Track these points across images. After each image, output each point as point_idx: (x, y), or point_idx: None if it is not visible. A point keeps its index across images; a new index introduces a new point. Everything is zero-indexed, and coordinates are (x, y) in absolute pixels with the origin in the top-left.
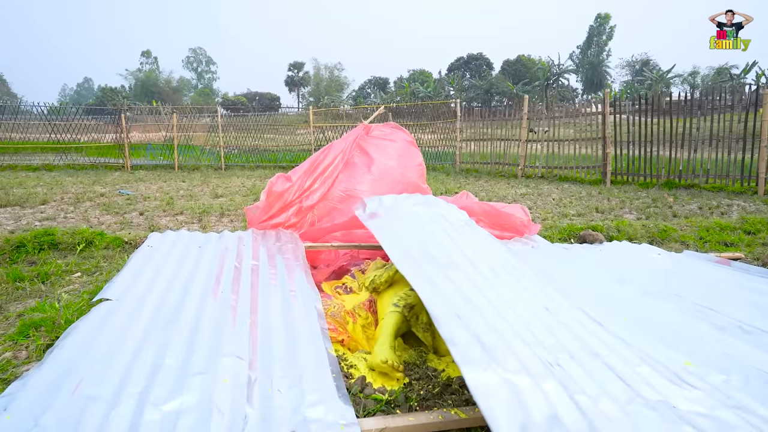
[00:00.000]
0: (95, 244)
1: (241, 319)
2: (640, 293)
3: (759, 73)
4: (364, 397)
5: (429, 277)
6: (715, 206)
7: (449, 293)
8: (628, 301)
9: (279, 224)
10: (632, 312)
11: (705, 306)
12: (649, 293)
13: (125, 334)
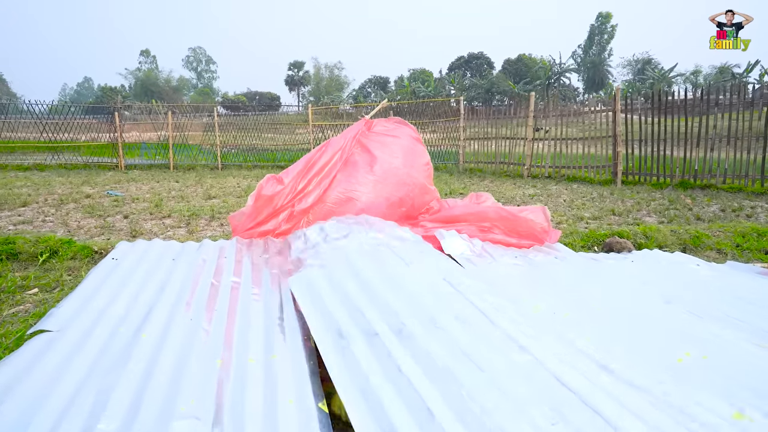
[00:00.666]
0: (60, 255)
1: (210, 358)
2: (695, 317)
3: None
4: None
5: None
6: (738, 208)
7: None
8: (682, 329)
9: (268, 232)
10: (693, 343)
11: None
12: (704, 316)
13: (57, 382)
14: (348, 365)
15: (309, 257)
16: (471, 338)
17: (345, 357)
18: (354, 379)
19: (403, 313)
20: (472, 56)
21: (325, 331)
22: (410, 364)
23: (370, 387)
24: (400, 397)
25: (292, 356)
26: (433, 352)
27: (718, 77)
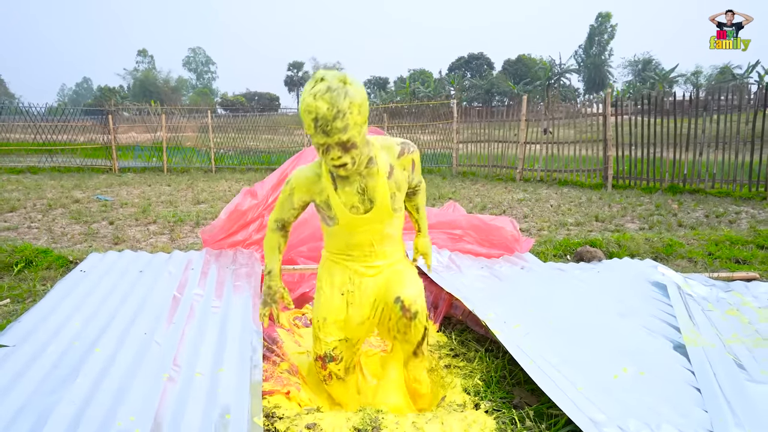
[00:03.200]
0: (35, 265)
1: (158, 372)
2: (645, 331)
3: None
4: None
5: None
6: (722, 213)
7: None
8: (633, 343)
9: (238, 242)
10: (640, 361)
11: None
12: (656, 331)
13: (5, 396)
14: None
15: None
16: None
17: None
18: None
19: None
20: (472, 57)
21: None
22: None
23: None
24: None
25: (239, 369)
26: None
27: (719, 78)
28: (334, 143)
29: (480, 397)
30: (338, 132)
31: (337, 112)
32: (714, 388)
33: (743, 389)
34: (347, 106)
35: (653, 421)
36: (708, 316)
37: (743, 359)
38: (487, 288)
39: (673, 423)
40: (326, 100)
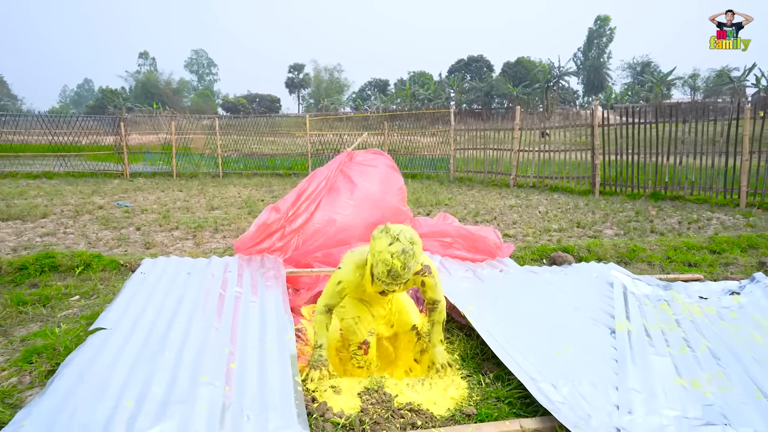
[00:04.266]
0: (93, 267)
1: (220, 349)
2: (591, 321)
3: (759, 76)
4: (324, 420)
5: None
6: (695, 220)
7: None
8: (577, 331)
9: (264, 249)
10: (579, 342)
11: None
12: (599, 320)
13: (117, 363)
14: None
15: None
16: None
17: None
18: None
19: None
20: (471, 59)
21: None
22: None
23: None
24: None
25: (278, 346)
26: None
27: (717, 80)
28: (396, 284)
29: (458, 368)
30: (403, 280)
31: (407, 269)
32: (626, 358)
33: (647, 359)
34: (413, 263)
35: (576, 379)
36: (641, 309)
37: (655, 339)
38: (469, 287)
39: (590, 380)
40: (401, 260)
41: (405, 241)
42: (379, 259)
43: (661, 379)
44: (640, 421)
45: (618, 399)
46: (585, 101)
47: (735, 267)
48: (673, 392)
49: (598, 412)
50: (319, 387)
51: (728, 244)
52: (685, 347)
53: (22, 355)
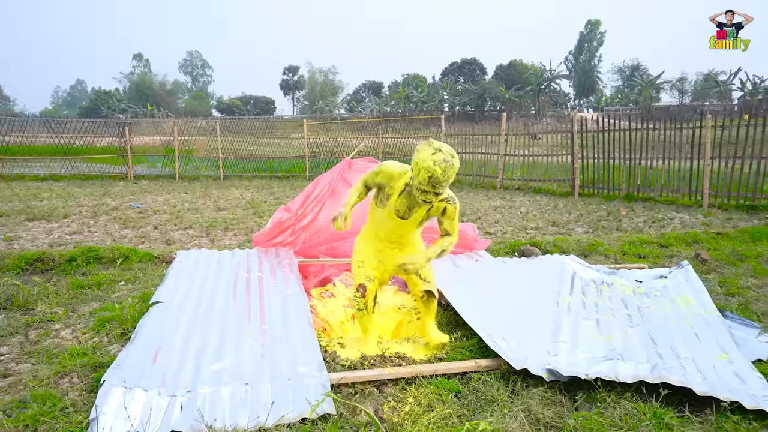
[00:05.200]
0: (131, 259)
1: (254, 315)
2: (544, 297)
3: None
4: (335, 363)
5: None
6: (659, 219)
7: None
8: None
9: (278, 243)
10: (531, 311)
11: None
12: (550, 298)
13: (178, 324)
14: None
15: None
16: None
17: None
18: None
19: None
20: (465, 62)
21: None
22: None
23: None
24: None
25: (297, 314)
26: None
27: (704, 84)
28: (434, 192)
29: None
30: (441, 189)
31: (447, 178)
32: (562, 321)
33: (577, 322)
34: (452, 173)
35: (522, 335)
36: (584, 288)
37: (588, 309)
38: (448, 272)
39: (532, 336)
40: (442, 167)
41: (446, 152)
42: (422, 167)
43: (584, 335)
44: (562, 360)
45: (549, 348)
46: (576, 104)
47: (677, 258)
48: (590, 343)
49: (534, 355)
50: (329, 343)
51: (676, 239)
52: (610, 314)
53: (96, 324)
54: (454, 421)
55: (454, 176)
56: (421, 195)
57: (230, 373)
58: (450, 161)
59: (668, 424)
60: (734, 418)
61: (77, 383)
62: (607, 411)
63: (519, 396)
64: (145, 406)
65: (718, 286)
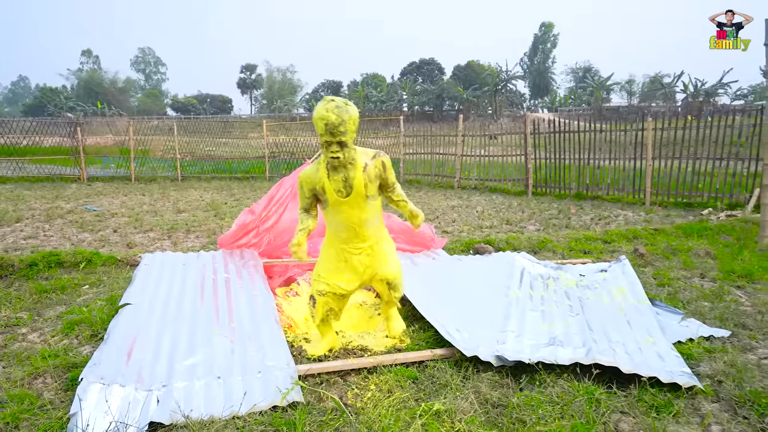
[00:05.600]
0: (94, 262)
1: (223, 314)
2: (493, 291)
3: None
4: (301, 357)
5: None
6: (605, 217)
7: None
8: (482, 298)
9: (242, 245)
10: (482, 303)
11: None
12: (500, 291)
13: (149, 324)
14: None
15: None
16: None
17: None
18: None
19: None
20: (423, 62)
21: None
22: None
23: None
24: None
25: (265, 312)
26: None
27: (650, 86)
28: (335, 141)
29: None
30: (339, 134)
31: (341, 121)
32: (510, 313)
33: (524, 313)
34: (347, 118)
35: (473, 326)
36: (532, 283)
37: (535, 301)
38: (406, 270)
39: (483, 327)
40: (335, 113)
41: (339, 100)
42: (317, 118)
43: (530, 324)
44: (509, 347)
45: (498, 337)
46: (532, 104)
47: (619, 253)
48: (535, 331)
49: (484, 344)
50: (295, 339)
51: (618, 235)
52: (554, 306)
53: (64, 327)
54: (411, 404)
55: (352, 124)
56: (328, 153)
57: (203, 367)
58: (343, 107)
59: (597, 399)
60: (652, 391)
61: (51, 383)
62: (547, 390)
63: (470, 380)
64: (123, 401)
65: (653, 278)
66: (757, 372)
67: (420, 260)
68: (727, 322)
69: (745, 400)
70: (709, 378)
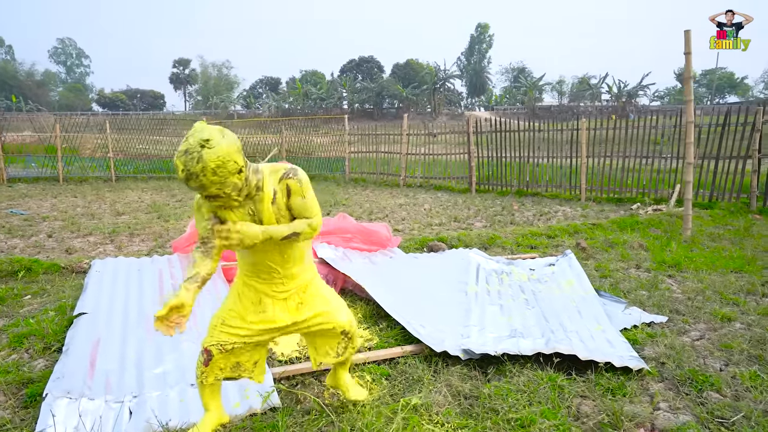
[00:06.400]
0: (34, 270)
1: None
2: (451, 287)
3: (611, 85)
4: (272, 360)
5: None
6: (546, 213)
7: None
8: (442, 294)
9: None
10: (442, 300)
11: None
12: (458, 288)
13: (110, 333)
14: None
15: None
16: None
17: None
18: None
19: None
20: (362, 59)
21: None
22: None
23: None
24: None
25: None
26: None
27: (579, 87)
28: (203, 195)
29: (359, 324)
30: (200, 188)
31: (189, 174)
32: (471, 308)
33: (484, 308)
34: (200, 169)
35: (437, 322)
36: (487, 278)
37: (492, 296)
38: (366, 269)
39: (446, 322)
40: (182, 162)
41: (193, 141)
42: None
43: (491, 318)
44: (474, 340)
45: (462, 331)
46: (469, 103)
47: (562, 247)
48: (496, 324)
49: (449, 338)
50: None
51: (560, 231)
52: (510, 300)
53: (10, 340)
54: (388, 400)
55: (211, 174)
56: (204, 199)
57: (174, 375)
58: (194, 154)
59: (560, 385)
60: (607, 375)
61: (5, 401)
62: (514, 380)
63: (441, 374)
64: (94, 415)
65: (595, 269)
66: (693, 353)
67: (378, 259)
68: (663, 309)
69: (685, 378)
70: (653, 360)
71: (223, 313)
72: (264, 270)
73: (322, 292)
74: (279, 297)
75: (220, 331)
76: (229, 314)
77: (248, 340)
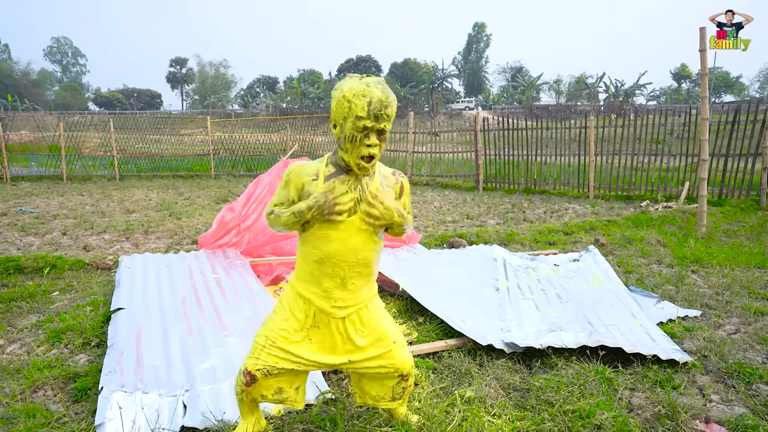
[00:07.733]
0: (59, 267)
1: (225, 315)
2: (482, 283)
3: (608, 84)
4: None
5: None
6: (556, 210)
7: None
8: (473, 289)
9: (224, 244)
10: (474, 296)
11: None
12: (487, 283)
13: (150, 329)
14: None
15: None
16: None
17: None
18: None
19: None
20: (360, 59)
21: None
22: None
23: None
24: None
25: (266, 311)
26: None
27: (576, 86)
28: (377, 128)
29: (395, 318)
30: (385, 119)
31: (390, 100)
32: (506, 303)
33: (518, 303)
34: (393, 99)
35: (475, 316)
36: (516, 273)
37: (524, 291)
38: (393, 265)
39: (484, 316)
40: (381, 90)
41: (374, 81)
42: (357, 94)
43: (527, 313)
44: (515, 334)
45: (501, 325)
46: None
47: (580, 244)
48: (533, 319)
49: (491, 332)
50: None
51: (576, 227)
52: (542, 294)
53: (48, 336)
54: (440, 393)
55: (394, 110)
56: (360, 146)
57: (222, 370)
58: (386, 85)
59: (608, 378)
60: (654, 368)
61: (54, 395)
62: (561, 373)
63: (487, 368)
64: (149, 408)
65: (617, 265)
66: (733, 346)
67: (402, 255)
68: (694, 303)
69: (732, 371)
70: (695, 353)
71: (272, 333)
72: (328, 272)
73: (383, 321)
74: (337, 315)
75: (268, 354)
76: (279, 334)
77: (297, 368)
